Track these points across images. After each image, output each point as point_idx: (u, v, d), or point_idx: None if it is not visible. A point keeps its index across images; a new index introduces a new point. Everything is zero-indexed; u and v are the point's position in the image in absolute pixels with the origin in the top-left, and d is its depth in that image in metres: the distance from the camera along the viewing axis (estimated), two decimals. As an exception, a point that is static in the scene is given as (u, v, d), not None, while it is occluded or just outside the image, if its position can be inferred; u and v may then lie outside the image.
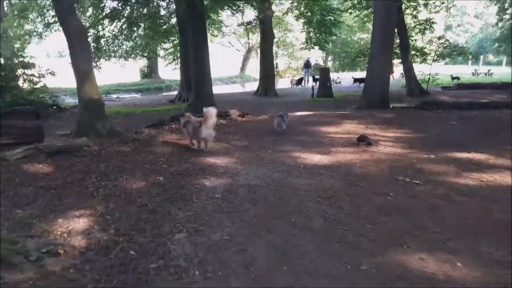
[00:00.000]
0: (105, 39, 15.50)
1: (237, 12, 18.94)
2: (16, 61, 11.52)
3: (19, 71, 11.58)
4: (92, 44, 14.54)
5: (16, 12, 13.29)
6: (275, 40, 30.35)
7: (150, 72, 28.72)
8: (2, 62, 11.65)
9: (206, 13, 12.93)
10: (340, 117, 10.64)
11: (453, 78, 24.79)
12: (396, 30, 15.76)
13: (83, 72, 7.74)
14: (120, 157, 6.41)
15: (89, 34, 14.17)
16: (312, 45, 20.89)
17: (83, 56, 7.69)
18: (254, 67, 35.35)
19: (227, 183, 5.11)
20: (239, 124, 9.78)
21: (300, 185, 4.96)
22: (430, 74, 18.62)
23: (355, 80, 22.88)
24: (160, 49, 22.69)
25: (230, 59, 42.38)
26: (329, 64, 44.55)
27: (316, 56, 39.74)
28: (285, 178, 5.29)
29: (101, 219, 3.89)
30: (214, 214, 4.04)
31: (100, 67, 15.47)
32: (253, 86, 20.98)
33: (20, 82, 12.05)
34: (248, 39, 36.12)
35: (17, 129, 6.77)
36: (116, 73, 24.54)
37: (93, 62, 15.15)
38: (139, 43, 18.52)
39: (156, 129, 8.98)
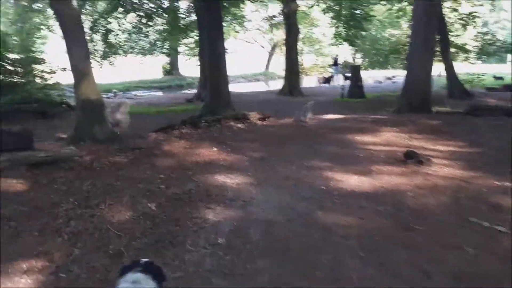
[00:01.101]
0: (115, 33, 14.45)
1: (254, 2, 17.56)
2: (23, 56, 10.66)
3: (28, 67, 10.72)
4: (100, 38, 13.52)
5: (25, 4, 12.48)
6: (301, 36, 28.89)
7: (172, 69, 27.82)
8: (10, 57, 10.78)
9: (223, 5, 11.70)
10: (376, 123, 9.20)
11: (496, 78, 22.67)
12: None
13: (79, 69, 6.72)
14: (113, 172, 5.30)
15: (98, 27, 13.13)
16: (341, 41, 19.36)
17: (79, 50, 6.67)
18: (279, 64, 33.94)
19: (236, 217, 3.88)
20: (258, 130, 8.53)
21: (334, 225, 3.67)
22: (474, 73, 16.88)
23: None
24: (180, 45, 21.61)
25: (254, 56, 41.16)
26: (358, 61, 42.47)
27: (345, 53, 37.82)
28: (313, 212, 4.01)
29: (52, 280, 2.74)
30: (210, 277, 2.81)
31: (112, 63, 14.52)
32: (277, 84, 19.72)
33: (29, 79, 11.17)
34: (273, 35, 34.71)
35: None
36: (138, 69, 23.83)
37: (106, 58, 14.26)
38: (156, 38, 17.46)
39: (164, 133, 7.86)
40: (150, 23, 14.72)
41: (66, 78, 12.51)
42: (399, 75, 27.70)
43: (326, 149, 6.81)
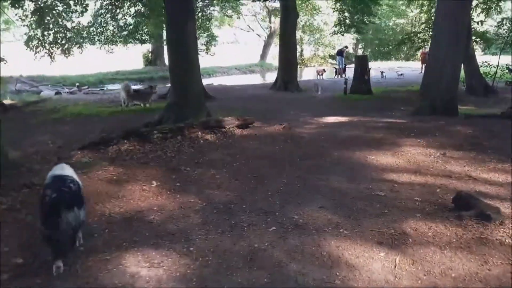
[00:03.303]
0: (63, 14, 11.50)
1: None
2: None
3: None
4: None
5: None
6: (301, 24, 26.19)
7: (155, 58, 24.99)
8: None
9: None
10: (393, 131, 6.80)
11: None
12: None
13: None
14: None
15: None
16: (345, 28, 16.86)
17: None
18: (276, 54, 31.27)
19: None
20: (234, 144, 6.11)
21: None
22: (498, 65, 14.38)
23: None
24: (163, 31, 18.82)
25: (251, 46, 38.50)
26: (359, 52, 39.72)
27: (345, 43, 35.02)
28: None
29: None
30: None
31: (68, 52, 11.86)
32: (274, 76, 17.36)
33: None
34: (270, 22, 32.02)
35: None
36: (118, 58, 21.07)
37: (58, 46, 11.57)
38: (127, 23, 14.65)
39: (94, 152, 5.45)
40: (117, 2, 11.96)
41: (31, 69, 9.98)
42: (403, 66, 25.50)
43: (326, 181, 4.46)
